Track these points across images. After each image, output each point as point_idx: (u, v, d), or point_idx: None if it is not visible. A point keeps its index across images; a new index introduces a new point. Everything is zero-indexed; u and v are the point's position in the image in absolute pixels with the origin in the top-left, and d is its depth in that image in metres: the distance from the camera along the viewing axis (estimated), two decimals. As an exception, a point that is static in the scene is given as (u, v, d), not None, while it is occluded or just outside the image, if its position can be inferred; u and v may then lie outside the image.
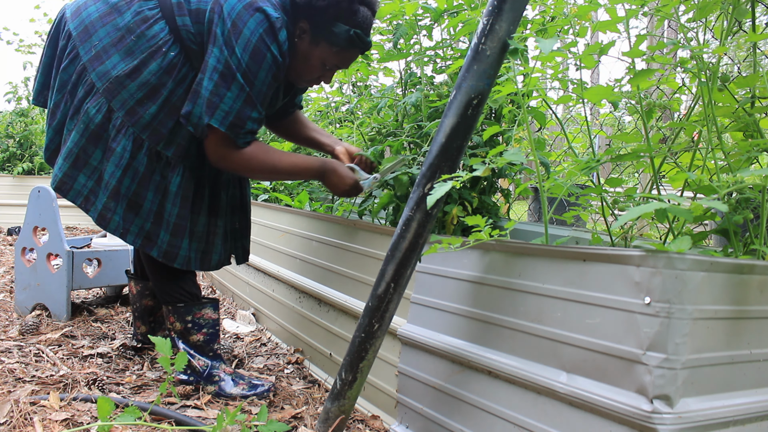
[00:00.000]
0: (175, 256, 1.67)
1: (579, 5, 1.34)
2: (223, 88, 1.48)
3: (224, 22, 1.49)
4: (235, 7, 1.48)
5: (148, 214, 1.63)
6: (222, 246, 1.78)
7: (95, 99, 1.59)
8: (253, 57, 1.48)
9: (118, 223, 1.62)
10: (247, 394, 1.73)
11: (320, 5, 1.53)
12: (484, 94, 1.15)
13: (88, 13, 1.61)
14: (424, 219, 1.19)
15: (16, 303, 2.50)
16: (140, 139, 1.59)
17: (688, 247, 0.96)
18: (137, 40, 1.57)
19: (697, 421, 0.91)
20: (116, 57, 1.57)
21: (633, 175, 2.92)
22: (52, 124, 1.68)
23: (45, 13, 8.04)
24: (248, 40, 1.47)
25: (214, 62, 1.49)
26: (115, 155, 1.59)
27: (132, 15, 1.58)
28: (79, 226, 5.64)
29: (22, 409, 1.43)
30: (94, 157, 1.62)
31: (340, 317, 1.85)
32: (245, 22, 1.47)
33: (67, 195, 1.65)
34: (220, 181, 1.75)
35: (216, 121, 1.49)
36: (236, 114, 1.50)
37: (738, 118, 1.21)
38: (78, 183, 1.63)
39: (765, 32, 1.15)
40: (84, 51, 1.59)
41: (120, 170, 1.59)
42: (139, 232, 1.63)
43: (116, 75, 1.56)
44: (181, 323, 1.77)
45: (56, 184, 1.65)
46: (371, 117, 2.32)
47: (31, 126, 6.26)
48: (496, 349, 1.20)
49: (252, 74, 1.49)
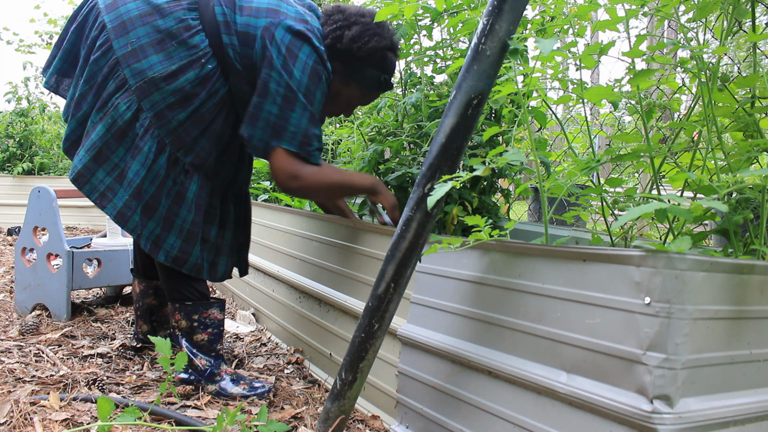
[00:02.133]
0: (184, 261, 1.68)
1: (579, 5, 1.34)
2: (287, 110, 1.55)
3: (278, 48, 1.55)
4: (287, 35, 1.56)
5: (160, 218, 1.64)
6: (228, 258, 1.80)
7: (126, 95, 1.59)
8: (311, 78, 1.57)
9: (137, 224, 1.62)
10: (247, 394, 1.73)
11: (361, 56, 1.65)
12: (484, 94, 1.15)
13: (127, 9, 1.59)
14: (424, 219, 1.19)
15: (16, 303, 2.50)
16: (163, 142, 1.60)
17: (688, 247, 0.96)
18: (178, 47, 1.58)
19: (697, 421, 0.91)
20: (154, 58, 1.57)
21: (633, 175, 2.92)
22: (77, 114, 1.67)
23: (45, 13, 8.05)
24: (305, 63, 1.56)
25: (275, 86, 1.55)
26: (141, 154, 1.60)
27: (175, 21, 1.58)
28: (79, 226, 5.64)
29: (22, 409, 1.43)
30: (116, 154, 1.61)
31: (340, 317, 1.85)
32: (300, 48, 1.56)
33: (82, 188, 1.64)
34: (229, 194, 1.78)
35: (286, 143, 1.55)
36: (304, 133, 1.57)
37: (738, 118, 1.21)
38: (96, 178, 1.63)
39: (765, 32, 1.15)
40: (119, 45, 1.58)
41: (145, 170, 1.60)
42: (149, 235, 1.64)
43: (152, 76, 1.56)
44: (187, 321, 1.77)
45: (74, 175, 1.64)
46: (371, 117, 2.32)
47: (31, 126, 6.26)
48: (496, 349, 1.20)
49: (312, 94, 1.57)
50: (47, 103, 6.63)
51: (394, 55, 1.73)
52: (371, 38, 1.64)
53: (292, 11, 1.61)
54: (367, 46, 1.64)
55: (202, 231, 1.70)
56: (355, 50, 1.64)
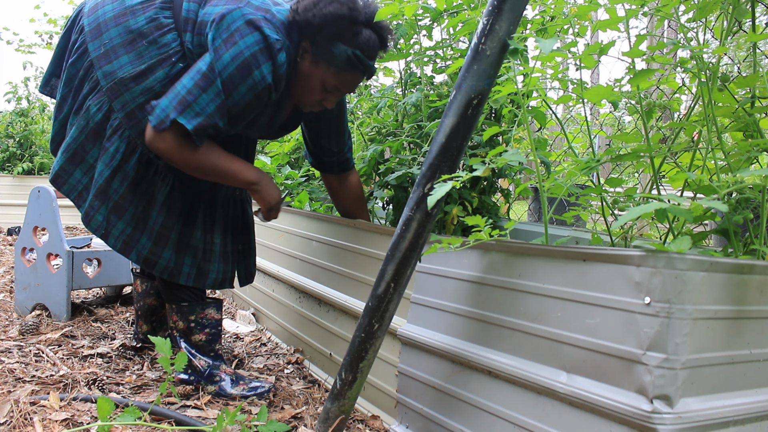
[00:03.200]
0: (154, 264, 1.67)
1: (579, 5, 1.34)
2: (200, 88, 1.47)
3: (220, 30, 1.48)
4: (237, 20, 1.47)
5: (131, 218, 1.63)
6: (221, 265, 1.76)
7: (98, 97, 1.60)
8: (239, 69, 1.46)
9: (101, 223, 1.62)
10: (247, 394, 1.73)
11: (317, 23, 1.50)
12: (484, 94, 1.15)
13: (104, 11, 1.61)
14: (424, 219, 1.19)
15: (16, 303, 2.50)
16: (134, 143, 1.59)
17: (688, 247, 0.96)
18: (149, 46, 1.57)
19: (697, 421, 0.91)
20: (125, 58, 1.57)
21: (633, 175, 2.92)
22: (59, 117, 1.70)
23: (45, 13, 8.03)
24: (240, 52, 1.46)
25: (201, 64, 1.49)
26: (107, 155, 1.60)
27: (146, 20, 1.58)
28: (79, 226, 5.64)
29: (22, 409, 1.43)
30: (91, 155, 1.63)
31: (340, 317, 1.85)
32: (243, 36, 1.46)
33: (61, 188, 1.66)
34: (217, 198, 1.74)
35: (184, 119, 1.46)
36: (206, 117, 1.47)
37: (738, 118, 1.21)
38: (73, 178, 1.65)
39: (765, 32, 1.15)
40: (93, 48, 1.59)
41: (109, 170, 1.60)
42: (119, 235, 1.64)
43: (121, 76, 1.56)
44: (184, 322, 1.77)
45: (52, 176, 1.68)
46: (371, 117, 2.32)
47: (31, 126, 6.25)
48: (496, 349, 1.20)
49: (232, 85, 1.47)
50: (47, 103, 6.63)
51: (372, 32, 1.55)
52: (328, 4, 1.50)
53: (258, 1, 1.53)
54: (322, 12, 1.49)
55: (179, 234, 1.67)
56: (311, 18, 1.50)
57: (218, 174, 1.58)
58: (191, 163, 1.53)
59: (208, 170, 1.56)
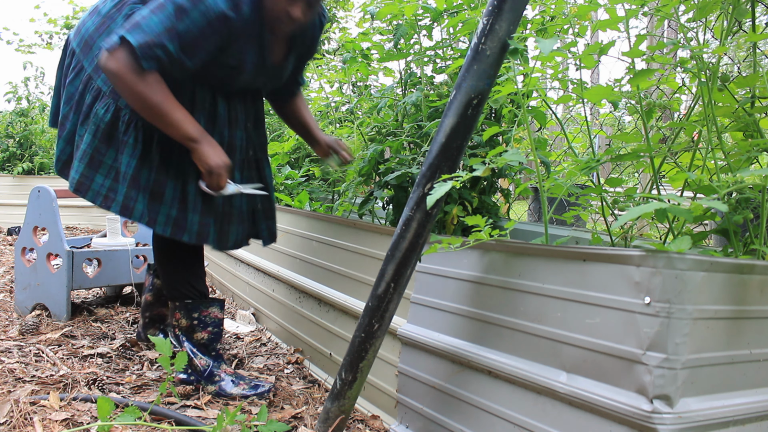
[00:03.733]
0: (207, 235, 1.69)
1: (579, 5, 1.34)
2: (152, 13, 1.47)
3: None
4: None
5: (173, 201, 1.65)
6: (238, 226, 1.79)
7: (103, 101, 1.64)
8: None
9: (143, 212, 1.63)
10: (247, 394, 1.73)
11: None
12: (484, 94, 1.15)
13: (86, 28, 1.70)
14: (424, 219, 1.19)
15: (16, 303, 2.50)
16: (151, 131, 1.62)
17: (688, 247, 0.96)
18: None
19: (697, 421, 0.91)
20: None
21: (633, 175, 2.92)
22: (62, 134, 1.74)
23: (45, 13, 8.04)
24: None
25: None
26: (128, 147, 1.62)
27: (124, 19, 1.62)
28: (79, 226, 5.64)
29: (22, 409, 1.43)
30: (108, 156, 1.65)
31: (340, 317, 1.85)
32: None
33: (85, 195, 1.65)
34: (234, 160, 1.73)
35: (131, 36, 1.45)
36: (153, 37, 1.45)
37: (738, 118, 1.21)
38: (96, 183, 1.65)
39: (765, 32, 1.15)
40: (88, 62, 1.68)
41: (135, 160, 1.62)
42: (166, 220, 1.64)
43: None
44: (188, 320, 1.78)
45: (74, 185, 1.66)
46: (371, 117, 2.32)
47: (31, 126, 6.26)
48: (496, 349, 1.20)
49: (184, 12, 1.47)
50: (47, 103, 6.63)
51: None
52: None
53: None
54: None
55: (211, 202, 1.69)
56: None
57: (160, 115, 1.53)
58: (136, 89, 1.49)
59: (152, 106, 1.51)
